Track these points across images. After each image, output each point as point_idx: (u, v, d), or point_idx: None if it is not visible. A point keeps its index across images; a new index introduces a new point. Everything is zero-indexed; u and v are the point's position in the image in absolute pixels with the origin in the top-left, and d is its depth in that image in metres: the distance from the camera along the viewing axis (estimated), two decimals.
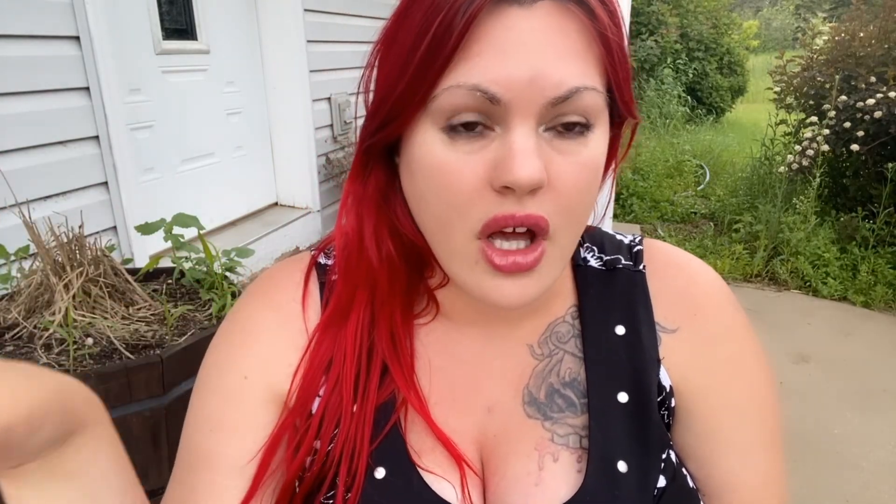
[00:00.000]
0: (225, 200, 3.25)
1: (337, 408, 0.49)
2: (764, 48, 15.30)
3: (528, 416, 0.51)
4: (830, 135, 3.60)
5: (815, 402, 2.33)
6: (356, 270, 0.51)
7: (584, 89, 0.41)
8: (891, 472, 1.94)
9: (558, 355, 0.53)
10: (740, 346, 0.54)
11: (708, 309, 0.54)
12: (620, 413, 0.50)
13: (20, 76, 1.94)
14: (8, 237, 1.69)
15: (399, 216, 0.50)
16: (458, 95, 0.40)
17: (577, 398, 0.51)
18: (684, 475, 0.52)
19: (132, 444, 1.38)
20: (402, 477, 0.48)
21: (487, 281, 0.44)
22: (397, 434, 0.50)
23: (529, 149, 0.40)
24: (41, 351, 1.40)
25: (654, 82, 7.33)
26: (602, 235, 0.58)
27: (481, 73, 0.40)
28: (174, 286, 1.76)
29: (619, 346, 0.52)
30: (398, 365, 0.51)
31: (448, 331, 0.54)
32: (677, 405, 0.53)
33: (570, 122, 0.42)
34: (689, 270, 0.55)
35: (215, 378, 0.52)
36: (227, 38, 3.18)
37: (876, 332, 2.90)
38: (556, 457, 0.49)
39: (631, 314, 0.53)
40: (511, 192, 0.41)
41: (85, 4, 2.10)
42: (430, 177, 0.43)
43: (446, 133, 0.42)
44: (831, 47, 3.98)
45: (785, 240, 3.52)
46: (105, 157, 2.24)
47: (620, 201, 4.70)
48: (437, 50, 0.40)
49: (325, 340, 0.51)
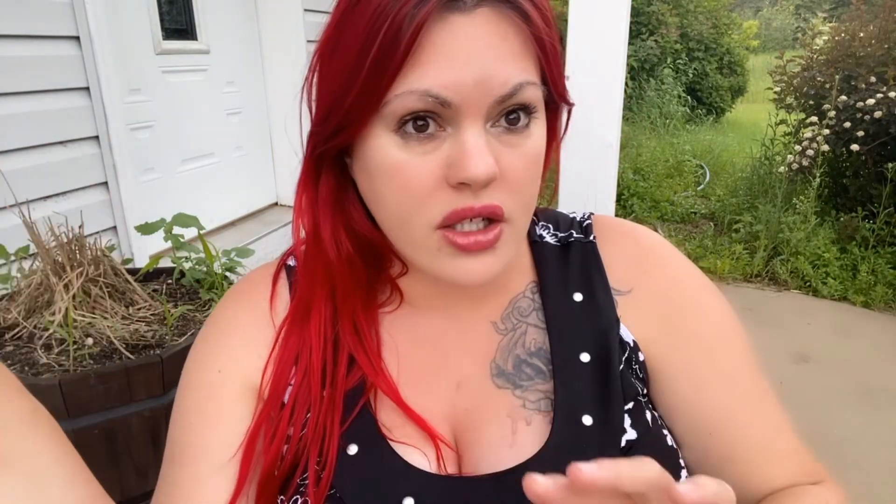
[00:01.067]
0: (225, 200, 3.25)
1: (307, 396, 0.52)
2: (764, 48, 15.29)
3: (498, 387, 0.54)
4: (830, 135, 3.60)
5: (815, 402, 2.33)
6: (314, 270, 0.54)
7: (525, 84, 0.44)
8: (891, 472, 1.94)
9: (521, 328, 0.56)
10: (694, 290, 0.58)
11: (655, 266, 0.58)
12: (583, 372, 0.53)
13: (20, 76, 1.94)
14: (8, 237, 1.69)
15: (353, 215, 0.53)
16: (411, 100, 0.43)
17: (544, 366, 0.54)
18: (663, 433, 0.54)
19: (132, 444, 1.38)
20: (373, 451, 0.51)
21: (452, 263, 0.47)
22: (368, 414, 0.52)
23: (481, 146, 0.43)
24: (41, 351, 1.40)
25: (654, 82, 7.33)
26: (556, 214, 0.63)
27: (431, 79, 0.42)
28: (174, 286, 1.76)
29: (578, 311, 0.56)
30: (364, 354, 0.53)
31: (412, 316, 0.57)
32: (647, 360, 0.56)
33: (513, 113, 0.45)
34: (633, 235, 0.60)
35: (193, 374, 0.55)
36: (227, 38, 3.18)
37: (876, 332, 2.90)
38: (529, 421, 0.52)
39: (587, 282, 0.57)
40: (467, 187, 0.44)
41: (85, 4, 2.10)
42: (388, 178, 0.45)
43: (399, 136, 0.44)
44: (831, 47, 3.98)
45: (785, 240, 3.52)
46: (105, 157, 2.24)
47: (621, 201, 4.70)
48: (388, 58, 0.42)
49: (292, 335, 0.54)
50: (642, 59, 7.69)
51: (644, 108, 6.94)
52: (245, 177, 3.41)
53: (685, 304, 0.57)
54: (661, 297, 0.57)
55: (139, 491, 1.44)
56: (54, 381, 1.25)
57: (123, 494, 1.42)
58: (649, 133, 6.31)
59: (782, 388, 2.39)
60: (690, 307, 0.57)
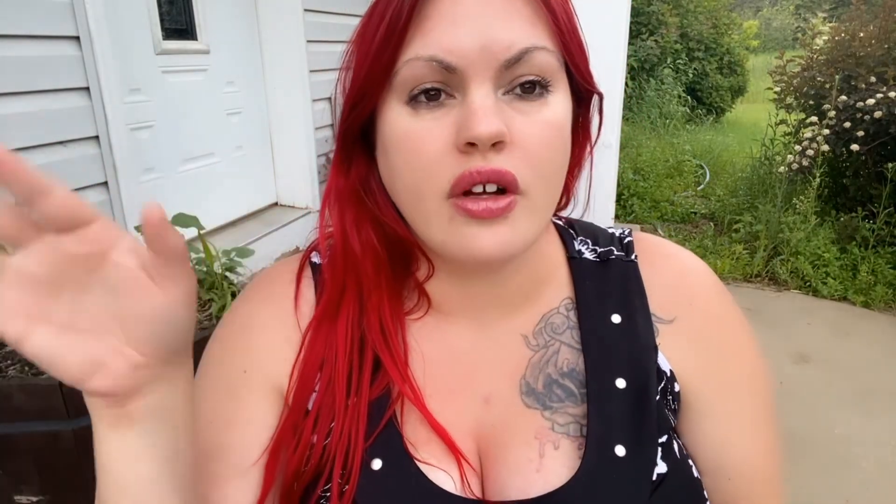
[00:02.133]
0: (225, 200, 3.25)
1: (331, 405, 0.50)
2: (764, 48, 15.28)
3: (527, 406, 0.52)
4: (830, 135, 3.60)
5: (815, 402, 2.33)
6: (342, 264, 0.52)
7: (534, 49, 0.44)
8: (891, 472, 1.94)
9: (554, 346, 0.54)
10: (733, 329, 0.57)
11: (701, 298, 0.56)
12: (619, 399, 0.51)
13: (20, 76, 1.94)
14: None
15: (381, 206, 0.52)
16: (417, 67, 0.43)
17: (576, 388, 0.52)
18: (689, 465, 0.52)
19: None
20: (398, 468, 0.49)
21: (464, 231, 0.45)
22: (393, 427, 0.51)
23: (487, 106, 0.43)
24: None
25: (654, 82, 7.32)
26: (595, 229, 0.61)
27: (435, 44, 0.43)
28: None
29: (616, 333, 0.54)
30: (390, 357, 0.52)
31: (440, 323, 0.55)
32: (682, 390, 0.54)
33: (527, 81, 0.44)
34: (679, 260, 0.58)
35: (216, 372, 0.54)
36: (227, 38, 3.18)
37: (876, 332, 2.90)
38: (557, 445, 0.50)
39: (626, 303, 0.55)
40: (475, 149, 0.43)
41: (85, 4, 2.10)
42: (399, 148, 0.45)
43: (410, 105, 0.45)
44: (831, 47, 3.98)
45: (785, 240, 3.52)
46: (105, 157, 2.24)
47: (621, 202, 4.70)
48: (393, 29, 0.43)
49: (318, 339, 0.53)
50: (642, 59, 7.69)
51: (644, 108, 6.93)
52: (245, 177, 3.41)
53: (725, 343, 0.56)
54: (704, 332, 0.55)
55: None
56: (54, 381, 1.25)
57: None
58: (649, 133, 6.31)
59: (782, 388, 2.39)
60: (730, 348, 0.56)
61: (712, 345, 0.55)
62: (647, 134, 6.24)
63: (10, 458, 1.30)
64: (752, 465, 0.55)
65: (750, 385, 0.56)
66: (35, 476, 1.32)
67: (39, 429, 1.28)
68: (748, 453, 0.55)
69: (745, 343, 0.57)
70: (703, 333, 0.55)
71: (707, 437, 0.54)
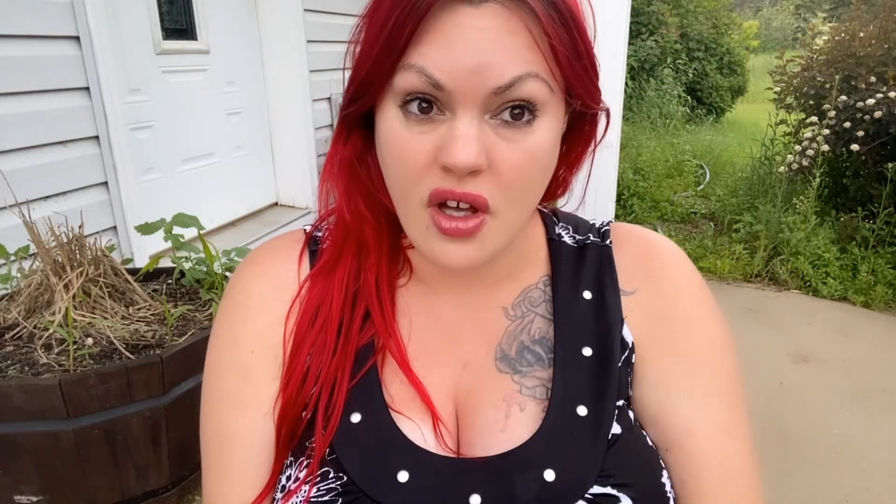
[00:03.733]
0: (225, 200, 3.26)
1: (322, 347, 0.54)
2: (764, 48, 15.27)
3: (499, 371, 0.55)
4: (830, 135, 3.59)
5: (815, 402, 2.33)
6: (345, 224, 0.57)
7: (526, 76, 0.44)
8: (891, 472, 1.94)
9: (530, 317, 0.58)
10: (694, 303, 0.58)
11: (662, 270, 0.59)
12: (584, 365, 0.55)
13: (20, 76, 1.94)
14: (8, 237, 1.69)
15: (374, 179, 0.56)
16: (411, 75, 0.45)
17: (545, 353, 0.56)
18: (643, 434, 0.54)
19: (132, 444, 1.38)
20: (376, 421, 0.52)
21: (436, 244, 0.49)
22: (375, 379, 0.54)
23: (469, 135, 0.44)
24: (41, 351, 1.40)
25: (654, 82, 7.32)
26: (576, 219, 0.65)
27: (428, 59, 0.44)
28: (174, 286, 1.76)
29: (586, 308, 0.58)
30: (379, 310, 0.55)
31: (426, 295, 0.59)
32: (637, 360, 0.57)
33: (515, 106, 0.45)
34: (647, 240, 0.61)
35: (226, 353, 0.57)
36: (227, 38, 3.18)
37: (876, 332, 2.90)
38: (523, 406, 0.53)
39: (597, 282, 0.59)
40: (452, 172, 0.45)
41: (85, 4, 2.10)
42: (391, 150, 0.48)
43: (403, 112, 0.47)
44: (831, 47, 3.98)
45: (785, 240, 3.52)
46: (105, 157, 2.24)
47: (621, 202, 4.70)
48: (397, 35, 0.44)
49: (315, 288, 0.57)
50: (642, 59, 7.69)
51: (644, 108, 6.94)
52: (245, 177, 3.41)
53: (679, 312, 0.57)
54: (659, 300, 0.57)
55: (139, 491, 1.44)
56: (54, 381, 1.25)
57: (123, 494, 1.42)
58: (649, 133, 6.31)
59: (782, 388, 2.39)
60: (683, 317, 0.57)
61: (666, 313, 0.57)
62: (647, 134, 6.24)
63: (10, 458, 1.30)
64: (691, 436, 0.53)
65: (707, 357, 0.56)
66: (35, 476, 1.32)
67: (39, 429, 1.28)
68: (687, 422, 0.54)
69: (703, 315, 0.57)
70: (659, 302, 0.57)
71: (648, 402, 0.55)
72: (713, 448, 0.53)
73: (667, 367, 0.55)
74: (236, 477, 0.55)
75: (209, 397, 0.57)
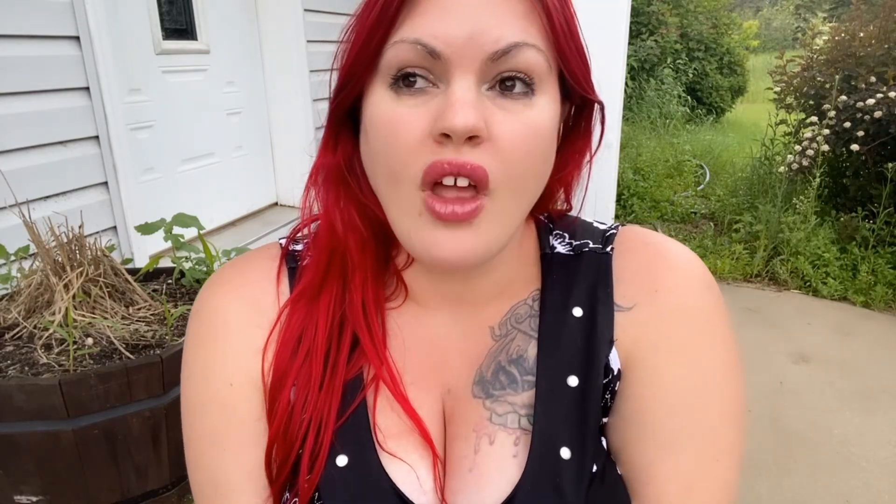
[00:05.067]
0: (225, 200, 3.26)
1: (307, 380, 0.50)
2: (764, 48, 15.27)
3: (474, 396, 0.51)
4: (830, 135, 3.59)
5: (815, 402, 2.33)
6: (328, 241, 0.52)
7: (523, 45, 0.42)
8: (891, 472, 1.94)
9: (512, 335, 0.53)
10: (698, 330, 0.50)
11: (669, 285, 0.51)
12: (568, 397, 0.49)
13: (20, 76, 1.94)
14: (8, 237, 1.69)
15: (363, 188, 0.51)
16: (403, 50, 0.43)
17: (519, 375, 0.51)
18: (612, 463, 0.51)
19: (132, 444, 1.38)
20: (363, 466, 0.48)
21: (430, 233, 0.44)
22: (364, 417, 0.50)
23: (467, 99, 0.42)
24: (41, 351, 1.40)
25: (654, 82, 7.32)
26: (576, 224, 0.58)
27: (423, 29, 0.42)
28: (174, 286, 1.76)
29: (576, 328, 0.52)
30: (369, 336, 0.51)
31: (418, 314, 0.55)
32: (621, 387, 0.51)
33: (511, 77, 0.43)
34: (658, 248, 0.53)
35: (202, 389, 0.52)
36: (227, 38, 3.17)
37: (876, 332, 2.90)
38: (493, 439, 0.49)
39: (590, 296, 0.52)
40: (449, 140, 0.42)
41: (85, 4, 2.10)
42: (379, 131, 0.45)
43: (392, 89, 0.44)
44: (831, 47, 3.98)
45: (785, 240, 3.52)
46: (105, 157, 2.24)
47: (621, 202, 4.70)
48: (385, 13, 0.43)
49: (296, 314, 0.52)
50: (642, 59, 7.69)
51: (644, 108, 6.93)
52: (245, 177, 3.41)
53: (677, 340, 0.50)
54: (658, 322, 0.50)
55: (139, 491, 1.44)
56: (54, 381, 1.25)
57: (123, 494, 1.42)
58: (649, 133, 6.31)
59: (782, 389, 2.39)
60: (680, 346, 0.50)
61: (666, 340, 0.50)
62: (647, 134, 6.24)
63: (10, 458, 1.30)
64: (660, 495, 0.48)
65: (691, 397, 0.49)
66: (35, 476, 1.32)
67: (39, 429, 1.28)
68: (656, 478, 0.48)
69: (709, 355, 0.50)
70: (659, 326, 0.50)
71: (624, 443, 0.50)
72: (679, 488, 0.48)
73: (643, 403, 0.49)
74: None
75: (193, 440, 0.52)
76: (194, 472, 0.53)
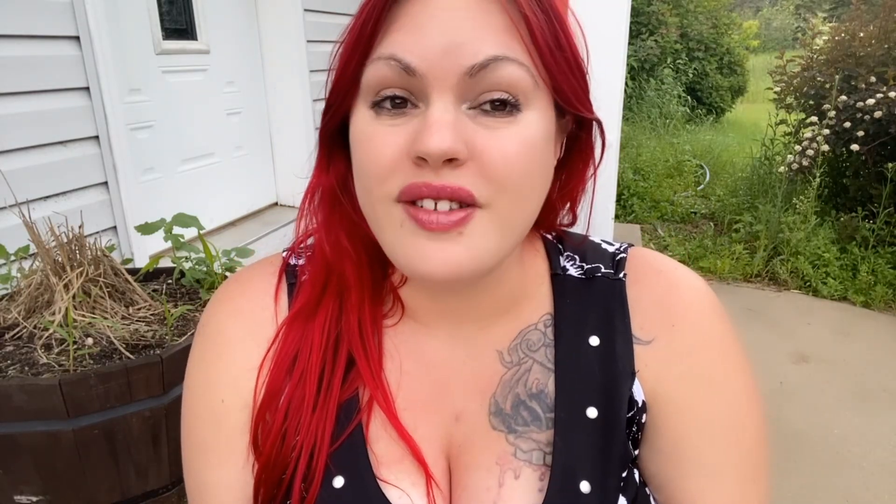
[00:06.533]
0: (225, 200, 3.25)
1: (301, 399, 0.49)
2: (764, 48, 15.27)
3: (493, 428, 0.50)
4: (830, 135, 3.60)
5: (815, 402, 2.33)
6: (323, 261, 0.52)
7: (502, 58, 0.41)
8: (891, 472, 1.94)
9: (527, 364, 0.51)
10: (719, 359, 0.51)
11: (686, 319, 0.51)
12: (588, 429, 0.49)
13: (20, 76, 1.94)
14: (8, 237, 1.69)
15: (356, 207, 0.50)
16: (379, 68, 0.42)
17: (542, 412, 0.49)
18: (647, 496, 0.50)
19: (132, 444, 1.38)
20: (359, 488, 0.48)
21: (412, 242, 0.43)
22: (360, 440, 0.49)
23: (444, 121, 0.40)
24: (41, 351, 1.40)
25: (654, 82, 7.33)
26: (587, 244, 0.57)
27: (398, 45, 0.41)
28: (174, 286, 1.76)
29: (593, 357, 0.50)
30: (364, 357, 0.50)
31: (416, 333, 0.53)
32: (648, 421, 0.51)
33: (496, 99, 0.41)
34: (670, 277, 0.53)
35: (198, 400, 0.54)
36: (227, 38, 3.17)
37: (876, 332, 2.90)
38: (518, 473, 0.48)
39: (607, 324, 0.51)
40: (426, 163, 0.41)
41: (85, 4, 2.10)
42: (358, 150, 0.45)
43: (373, 109, 0.44)
44: (831, 47, 3.98)
45: (785, 240, 3.52)
46: (105, 157, 2.24)
47: (621, 202, 4.70)
48: (363, 32, 0.43)
49: (292, 334, 0.52)
50: (642, 59, 7.69)
51: (644, 108, 6.94)
52: (245, 177, 3.41)
53: (700, 370, 0.50)
54: (679, 355, 0.50)
55: (139, 491, 1.44)
56: (54, 381, 1.25)
57: (123, 494, 1.42)
58: (649, 133, 6.31)
59: (782, 389, 2.39)
60: (705, 376, 0.50)
61: (690, 375, 0.50)
62: (647, 134, 6.24)
63: (10, 458, 1.30)
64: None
65: (727, 425, 0.49)
66: (35, 476, 1.32)
67: (39, 429, 1.28)
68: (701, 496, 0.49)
69: (733, 381, 0.50)
70: (682, 360, 0.50)
71: (667, 478, 0.50)
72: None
73: (681, 436, 0.49)
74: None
75: (186, 447, 0.54)
76: (186, 477, 0.55)
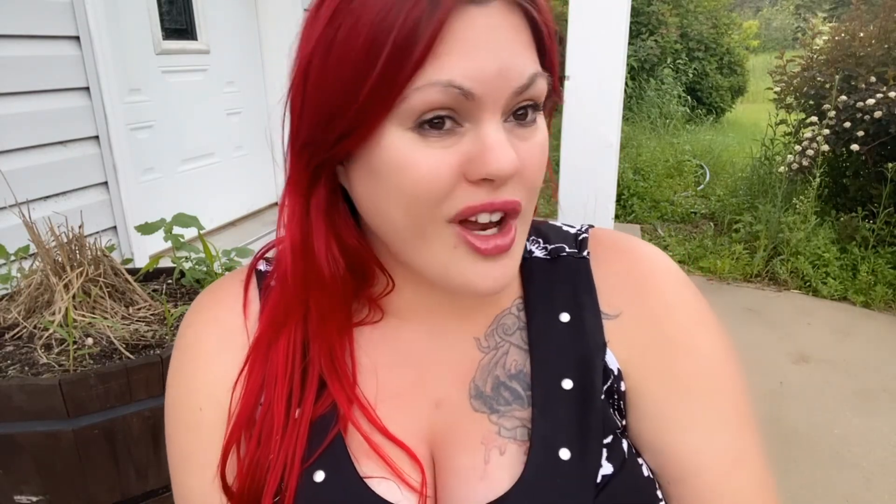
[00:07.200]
0: (225, 200, 3.26)
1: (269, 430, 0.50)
2: (764, 48, 15.27)
3: (475, 410, 0.51)
4: (830, 135, 3.60)
5: (815, 402, 2.33)
6: (296, 286, 0.50)
7: (538, 75, 0.44)
8: (891, 472, 1.94)
9: (504, 347, 0.53)
10: (687, 321, 0.53)
11: (649, 289, 0.53)
12: (565, 400, 0.50)
13: (20, 76, 1.94)
14: (8, 237, 1.69)
15: (342, 227, 0.50)
16: (433, 93, 0.40)
17: (523, 390, 0.51)
18: (639, 464, 0.51)
19: (132, 444, 1.38)
20: (341, 479, 0.49)
21: (469, 266, 0.45)
22: (339, 441, 0.50)
23: (503, 140, 0.42)
24: (41, 351, 1.40)
25: (654, 82, 7.33)
26: (548, 227, 0.60)
27: (454, 69, 0.40)
28: (174, 286, 1.76)
29: (564, 333, 0.53)
30: (337, 381, 0.51)
31: (393, 330, 0.54)
32: (627, 389, 0.52)
33: (524, 107, 0.44)
34: (631, 253, 0.55)
35: (177, 409, 0.55)
36: (227, 38, 3.18)
37: (876, 332, 2.90)
38: (503, 450, 0.49)
39: (575, 301, 0.54)
40: (487, 182, 0.43)
41: (85, 4, 2.10)
42: (402, 174, 0.42)
43: (416, 132, 0.42)
44: (831, 47, 3.98)
45: (785, 240, 3.52)
46: (105, 157, 2.24)
47: (621, 202, 4.70)
48: (406, 52, 0.39)
49: (258, 360, 0.52)
50: (642, 59, 7.69)
51: (644, 108, 6.94)
52: (245, 177, 3.41)
53: (670, 335, 0.52)
54: (650, 325, 0.52)
55: (139, 491, 1.44)
56: (54, 381, 1.25)
57: (123, 494, 1.42)
58: (649, 133, 6.31)
59: (782, 389, 2.39)
60: (675, 340, 0.52)
61: (659, 339, 0.52)
62: (647, 134, 6.24)
63: (10, 458, 1.30)
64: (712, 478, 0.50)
65: (706, 383, 0.51)
66: (35, 476, 1.32)
67: (39, 429, 1.28)
68: (705, 464, 0.50)
69: (702, 338, 0.52)
70: (650, 327, 0.52)
71: (647, 436, 0.52)
72: (723, 484, 0.50)
73: (663, 399, 0.51)
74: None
75: (169, 455, 0.56)
76: (172, 484, 0.56)
